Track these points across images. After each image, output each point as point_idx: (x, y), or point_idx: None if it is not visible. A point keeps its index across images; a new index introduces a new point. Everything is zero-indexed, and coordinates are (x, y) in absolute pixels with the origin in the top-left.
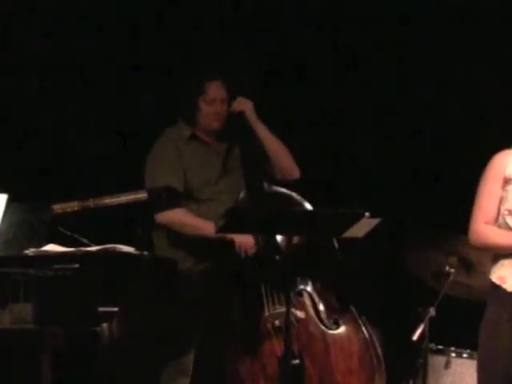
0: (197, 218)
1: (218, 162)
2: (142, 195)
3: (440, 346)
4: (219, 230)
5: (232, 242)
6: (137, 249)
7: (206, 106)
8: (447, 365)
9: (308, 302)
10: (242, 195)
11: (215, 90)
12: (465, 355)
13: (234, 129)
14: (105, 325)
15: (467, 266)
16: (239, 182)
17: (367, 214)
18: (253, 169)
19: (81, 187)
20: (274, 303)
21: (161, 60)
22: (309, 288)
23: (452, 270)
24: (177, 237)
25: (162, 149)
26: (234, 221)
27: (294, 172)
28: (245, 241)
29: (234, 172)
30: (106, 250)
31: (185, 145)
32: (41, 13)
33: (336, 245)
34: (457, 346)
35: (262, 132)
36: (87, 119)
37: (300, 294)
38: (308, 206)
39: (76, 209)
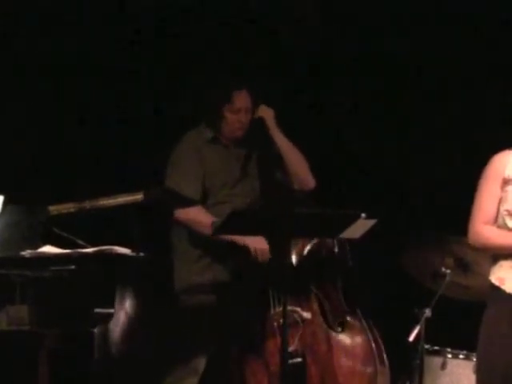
0: (212, 217)
1: (237, 166)
2: (138, 196)
3: (436, 347)
4: (215, 230)
5: (247, 248)
6: (133, 250)
7: (231, 114)
8: (443, 366)
9: (315, 303)
10: (254, 198)
11: (241, 99)
12: (461, 356)
13: (254, 135)
14: (101, 326)
15: (463, 266)
16: (255, 187)
17: (363, 215)
18: (269, 174)
19: (77, 188)
20: (280, 302)
21: (162, 61)
22: (317, 290)
23: (448, 271)
24: (193, 236)
25: (182, 153)
26: (231, 222)
27: (310, 183)
28: (259, 247)
29: (251, 177)
30: (102, 251)
31: (206, 147)
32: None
33: (348, 249)
34: (453, 347)
35: (280, 141)
36: (87, 120)
37: (308, 295)
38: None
39: (72, 210)
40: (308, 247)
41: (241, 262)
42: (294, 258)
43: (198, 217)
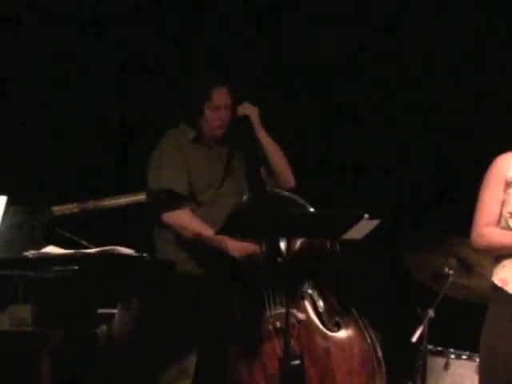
0: (200, 223)
1: (221, 165)
2: (141, 197)
3: (439, 348)
4: (218, 232)
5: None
6: (136, 251)
7: (211, 112)
8: (446, 366)
9: (309, 303)
10: (245, 198)
11: (221, 96)
12: (464, 357)
13: (238, 132)
14: (104, 326)
15: (466, 267)
16: (241, 185)
17: (366, 215)
18: (256, 172)
19: (80, 189)
20: (275, 304)
21: (162, 60)
22: (310, 290)
23: (451, 272)
24: (179, 239)
25: (165, 151)
26: (232, 223)
27: (290, 181)
28: (245, 249)
29: (236, 175)
30: (105, 251)
31: (188, 147)
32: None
33: (338, 248)
34: (456, 348)
35: (264, 139)
36: (87, 120)
37: (301, 295)
38: (311, 209)
39: (75, 210)
40: (298, 243)
41: (230, 264)
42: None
43: (191, 223)
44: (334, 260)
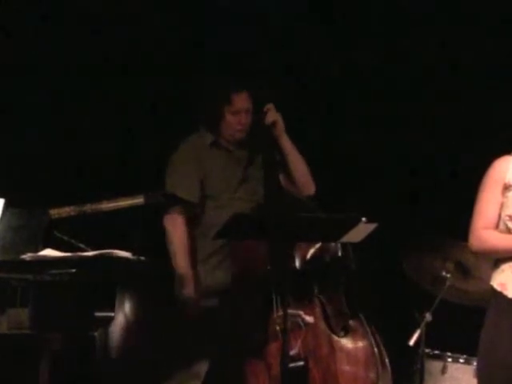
0: (182, 241)
1: (239, 170)
2: (139, 200)
3: (436, 351)
4: (217, 235)
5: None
6: (134, 254)
7: (231, 116)
8: (444, 370)
9: (318, 307)
10: (257, 203)
11: (241, 101)
12: (461, 360)
13: (259, 136)
14: (101, 329)
15: (464, 271)
16: (257, 191)
17: (364, 219)
18: (274, 178)
19: (79, 191)
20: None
21: (162, 60)
22: (320, 294)
23: (448, 275)
24: (200, 239)
25: (181, 157)
26: (232, 227)
27: (310, 188)
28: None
29: (253, 180)
30: (102, 254)
31: (206, 152)
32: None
33: (351, 254)
34: (453, 351)
35: (287, 145)
36: (87, 122)
37: (310, 299)
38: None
39: (73, 214)
40: (311, 251)
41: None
42: (297, 262)
43: (179, 244)
44: (346, 265)
